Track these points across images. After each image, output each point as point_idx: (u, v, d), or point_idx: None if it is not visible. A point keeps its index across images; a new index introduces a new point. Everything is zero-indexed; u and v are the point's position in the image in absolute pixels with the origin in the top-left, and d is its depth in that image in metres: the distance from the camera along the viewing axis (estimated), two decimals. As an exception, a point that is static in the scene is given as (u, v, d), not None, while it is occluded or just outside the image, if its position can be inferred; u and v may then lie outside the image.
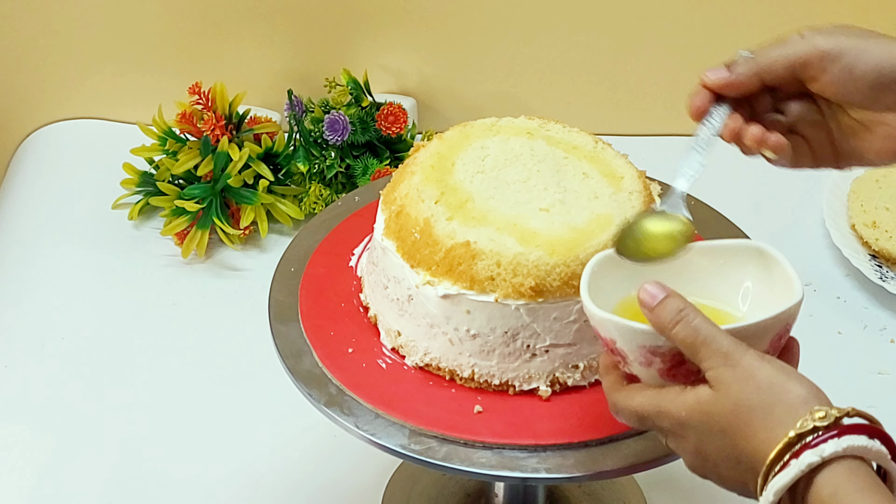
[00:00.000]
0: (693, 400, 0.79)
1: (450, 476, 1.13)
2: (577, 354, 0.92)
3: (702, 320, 0.79)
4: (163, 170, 1.41)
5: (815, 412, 0.75)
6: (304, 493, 1.15)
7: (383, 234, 0.96)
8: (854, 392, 1.23)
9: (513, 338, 0.91)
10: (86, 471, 1.17)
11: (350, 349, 0.96)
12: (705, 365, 0.78)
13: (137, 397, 1.23)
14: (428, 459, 0.88)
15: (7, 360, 1.28)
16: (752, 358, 0.78)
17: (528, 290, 0.89)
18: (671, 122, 1.55)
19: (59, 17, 1.51)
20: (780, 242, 1.14)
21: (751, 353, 0.78)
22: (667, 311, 0.80)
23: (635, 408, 0.82)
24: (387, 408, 0.91)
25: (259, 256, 1.39)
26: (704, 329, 0.79)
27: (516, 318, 0.90)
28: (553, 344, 0.91)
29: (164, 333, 1.30)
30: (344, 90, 1.44)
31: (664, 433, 0.81)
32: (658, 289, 0.81)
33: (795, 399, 0.76)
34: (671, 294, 0.80)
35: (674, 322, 0.79)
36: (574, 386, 0.93)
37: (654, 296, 0.80)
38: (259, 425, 1.20)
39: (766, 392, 0.76)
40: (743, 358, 0.78)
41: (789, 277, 0.84)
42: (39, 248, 1.41)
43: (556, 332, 0.91)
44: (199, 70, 1.46)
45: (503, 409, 0.91)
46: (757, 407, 0.76)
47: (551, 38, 1.52)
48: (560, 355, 0.91)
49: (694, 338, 0.79)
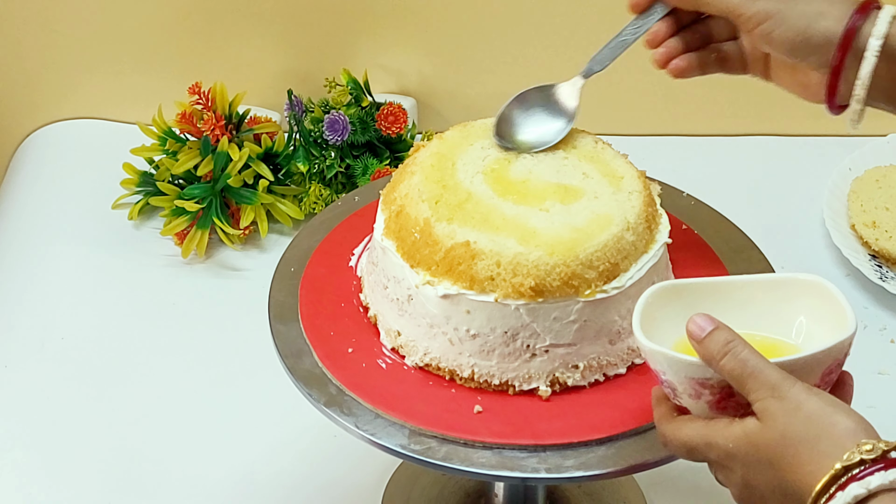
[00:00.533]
0: (741, 432, 0.79)
1: (450, 476, 1.13)
2: (577, 354, 0.92)
3: (750, 352, 0.80)
4: (163, 170, 1.41)
5: (862, 445, 0.75)
6: (304, 493, 1.15)
7: (383, 234, 0.96)
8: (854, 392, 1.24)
9: (512, 338, 0.91)
10: (86, 471, 1.17)
11: (350, 349, 0.96)
12: (753, 397, 0.79)
13: (137, 397, 1.23)
14: (428, 459, 0.88)
15: (7, 360, 1.28)
16: (800, 390, 0.78)
17: (527, 290, 0.89)
18: (671, 122, 1.55)
19: (59, 17, 1.51)
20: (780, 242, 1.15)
21: (799, 386, 0.78)
22: (715, 342, 0.80)
23: (684, 439, 0.82)
24: (386, 408, 0.91)
25: (259, 256, 1.39)
26: (752, 361, 0.79)
27: (516, 317, 0.90)
28: (553, 344, 0.91)
29: (164, 333, 1.30)
30: (344, 90, 1.44)
31: (713, 465, 0.82)
32: (706, 321, 0.81)
33: (842, 432, 0.76)
34: (720, 326, 0.81)
35: (722, 353, 0.80)
36: (574, 386, 0.93)
37: (702, 328, 0.81)
38: (259, 425, 1.20)
39: (814, 424, 0.77)
40: (790, 390, 0.78)
41: (843, 311, 0.84)
42: (39, 248, 1.41)
43: (556, 332, 0.91)
44: (199, 70, 1.46)
45: (503, 409, 0.91)
46: (804, 439, 0.76)
47: (551, 38, 1.52)
48: (560, 355, 0.92)
49: (742, 369, 0.79)
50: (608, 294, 0.91)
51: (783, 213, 1.43)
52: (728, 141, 1.52)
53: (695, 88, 1.55)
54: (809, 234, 1.42)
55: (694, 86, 1.55)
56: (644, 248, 0.94)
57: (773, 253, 1.04)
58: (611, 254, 0.91)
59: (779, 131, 1.54)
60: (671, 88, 1.55)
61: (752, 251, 1.04)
